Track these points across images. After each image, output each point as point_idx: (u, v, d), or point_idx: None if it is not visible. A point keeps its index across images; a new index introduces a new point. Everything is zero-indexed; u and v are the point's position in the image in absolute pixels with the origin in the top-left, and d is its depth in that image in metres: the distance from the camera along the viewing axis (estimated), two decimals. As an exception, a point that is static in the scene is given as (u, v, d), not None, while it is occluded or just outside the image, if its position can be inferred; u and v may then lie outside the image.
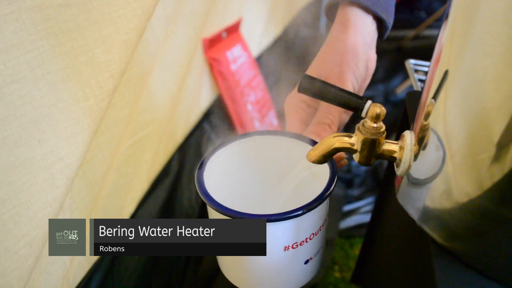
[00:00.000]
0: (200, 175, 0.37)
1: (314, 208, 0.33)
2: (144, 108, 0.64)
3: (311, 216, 0.34)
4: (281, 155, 0.43)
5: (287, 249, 0.35)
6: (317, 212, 0.35)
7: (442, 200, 0.29)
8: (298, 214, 0.33)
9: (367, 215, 1.12)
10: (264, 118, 1.10)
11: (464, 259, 0.29)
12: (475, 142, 0.25)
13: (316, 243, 0.37)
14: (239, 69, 1.02)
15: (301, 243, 0.35)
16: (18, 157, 0.36)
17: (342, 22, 0.43)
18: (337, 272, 1.03)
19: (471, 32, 0.24)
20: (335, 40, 0.43)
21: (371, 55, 0.44)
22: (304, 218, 0.33)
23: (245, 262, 0.36)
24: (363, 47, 0.42)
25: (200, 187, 0.36)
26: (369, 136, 0.32)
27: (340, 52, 0.42)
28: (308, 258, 0.37)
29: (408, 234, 0.42)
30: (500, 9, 0.22)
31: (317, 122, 0.41)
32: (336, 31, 0.44)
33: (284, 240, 0.34)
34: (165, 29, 0.64)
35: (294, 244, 0.35)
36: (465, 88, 0.25)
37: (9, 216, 0.36)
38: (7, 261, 0.36)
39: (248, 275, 0.37)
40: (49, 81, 0.38)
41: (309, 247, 0.36)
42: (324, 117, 0.41)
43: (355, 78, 0.42)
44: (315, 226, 0.36)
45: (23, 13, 0.35)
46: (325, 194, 0.34)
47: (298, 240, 0.35)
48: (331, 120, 0.41)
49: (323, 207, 0.36)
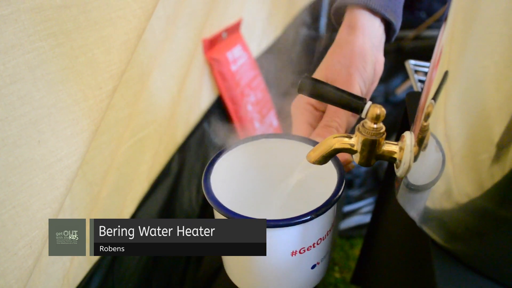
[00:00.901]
0: (207, 179, 0.37)
1: (322, 214, 0.33)
2: (144, 109, 0.64)
3: (319, 222, 0.34)
4: (288, 158, 0.43)
5: (294, 254, 0.35)
6: (325, 217, 0.35)
7: (442, 201, 0.29)
8: (306, 220, 0.32)
9: (367, 215, 1.12)
10: (264, 118, 1.10)
11: (465, 260, 0.29)
12: (475, 142, 0.25)
13: (323, 248, 0.37)
14: (239, 69, 1.02)
15: (309, 248, 0.35)
16: (17, 158, 0.36)
17: (350, 24, 0.43)
18: (337, 273, 1.03)
19: (471, 33, 0.24)
20: (342, 43, 0.43)
21: (379, 58, 0.44)
22: (311, 223, 0.33)
23: (252, 266, 0.36)
24: (371, 50, 0.42)
25: (208, 192, 0.36)
26: (369, 137, 0.32)
27: (347, 54, 0.42)
28: (315, 263, 0.37)
29: (408, 235, 0.42)
30: (500, 9, 0.22)
31: (324, 125, 0.41)
32: (344, 34, 0.43)
33: (292, 245, 0.34)
34: (165, 30, 0.64)
35: (302, 249, 0.35)
36: (465, 89, 0.25)
37: (9, 216, 0.36)
38: (6, 262, 0.36)
39: (254, 279, 0.37)
40: (49, 81, 0.38)
41: (317, 252, 0.36)
42: (331, 120, 0.41)
43: (363, 81, 0.42)
44: (323, 231, 0.36)
45: (22, 14, 0.35)
46: (333, 199, 0.34)
47: (306, 245, 0.35)
48: (339, 123, 0.41)
49: (331, 212, 0.36)
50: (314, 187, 0.43)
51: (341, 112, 0.41)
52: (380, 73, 0.45)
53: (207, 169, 0.38)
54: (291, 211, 0.35)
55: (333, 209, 0.36)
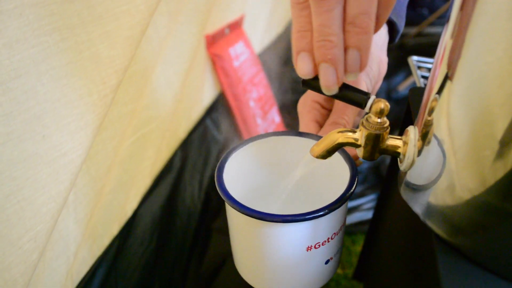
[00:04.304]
0: (220, 176, 0.37)
1: (338, 208, 0.33)
2: (147, 104, 0.64)
3: (333, 216, 0.34)
4: (298, 156, 0.43)
5: (310, 249, 0.35)
6: (339, 212, 0.35)
7: (446, 195, 0.29)
8: (320, 215, 0.32)
9: (369, 212, 1.12)
10: (266, 114, 1.10)
11: (468, 254, 0.29)
12: (478, 137, 0.25)
13: (337, 243, 0.38)
14: (241, 65, 1.02)
15: (323, 243, 0.35)
16: (22, 152, 0.37)
17: None
18: (339, 269, 1.03)
19: (475, 28, 0.24)
20: None
21: (383, 58, 0.44)
22: (326, 218, 0.33)
23: (265, 261, 0.36)
24: (375, 49, 0.42)
25: (221, 188, 0.36)
26: (373, 131, 0.32)
27: None
28: (329, 258, 0.38)
29: (411, 230, 0.42)
30: (504, 5, 0.22)
31: (332, 123, 0.41)
32: None
33: (307, 240, 0.34)
34: (168, 26, 0.64)
35: (317, 244, 0.35)
36: (468, 84, 0.25)
37: (14, 211, 0.36)
38: (11, 256, 0.37)
39: (267, 275, 0.37)
40: (53, 76, 0.38)
41: (331, 247, 0.37)
42: (339, 117, 0.41)
43: (369, 78, 0.42)
44: (337, 225, 0.36)
45: (27, 8, 0.35)
46: (347, 193, 0.34)
47: (321, 240, 0.35)
48: (346, 120, 0.41)
49: (344, 206, 0.36)
50: (323, 182, 0.43)
51: (349, 109, 0.41)
52: (384, 72, 0.45)
53: (219, 167, 0.38)
54: (301, 205, 0.35)
55: (346, 204, 0.36)
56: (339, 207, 0.33)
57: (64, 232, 0.47)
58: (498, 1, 0.22)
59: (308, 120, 0.43)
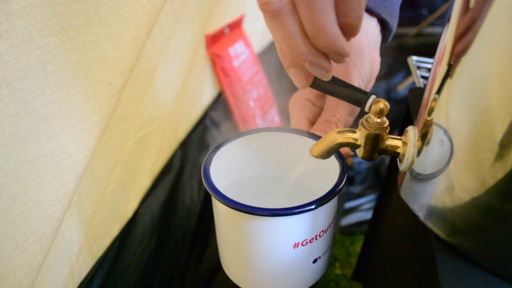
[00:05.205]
0: (206, 169, 0.36)
1: (326, 203, 0.33)
2: (150, 105, 0.63)
3: (322, 211, 0.34)
4: (289, 152, 0.43)
5: (297, 246, 0.34)
6: (328, 208, 0.34)
7: (446, 195, 0.29)
8: (309, 209, 0.32)
9: (368, 212, 1.13)
10: (266, 114, 1.10)
11: (468, 255, 0.29)
12: (478, 137, 0.25)
13: (326, 241, 0.37)
14: (241, 65, 1.01)
15: (311, 240, 0.35)
16: (28, 153, 0.36)
17: None
18: (338, 269, 1.04)
19: (475, 30, 0.24)
20: None
21: (375, 57, 0.44)
22: (315, 213, 0.33)
23: (251, 259, 0.35)
24: (367, 48, 0.42)
25: (207, 180, 0.35)
26: (372, 131, 0.32)
27: None
28: (317, 257, 0.37)
29: (410, 230, 0.43)
30: (504, 6, 0.22)
31: (324, 121, 0.41)
32: None
33: (294, 236, 0.34)
34: (172, 26, 0.64)
35: (304, 241, 0.34)
36: (468, 85, 0.25)
37: (19, 212, 0.36)
38: (17, 258, 0.36)
39: (253, 274, 0.36)
40: (59, 77, 0.38)
41: (319, 245, 0.36)
42: (330, 115, 0.41)
43: (361, 77, 0.42)
44: (325, 222, 0.35)
45: (34, 8, 0.35)
46: (337, 188, 0.34)
47: (308, 237, 0.34)
48: (338, 118, 0.41)
49: (334, 202, 0.35)
50: (316, 181, 0.43)
51: (341, 107, 0.41)
52: (377, 72, 0.45)
53: (206, 160, 0.37)
54: (293, 204, 0.34)
55: (336, 200, 0.36)
56: (327, 202, 0.33)
57: (67, 233, 0.47)
58: (498, 2, 0.22)
59: (300, 118, 0.43)
